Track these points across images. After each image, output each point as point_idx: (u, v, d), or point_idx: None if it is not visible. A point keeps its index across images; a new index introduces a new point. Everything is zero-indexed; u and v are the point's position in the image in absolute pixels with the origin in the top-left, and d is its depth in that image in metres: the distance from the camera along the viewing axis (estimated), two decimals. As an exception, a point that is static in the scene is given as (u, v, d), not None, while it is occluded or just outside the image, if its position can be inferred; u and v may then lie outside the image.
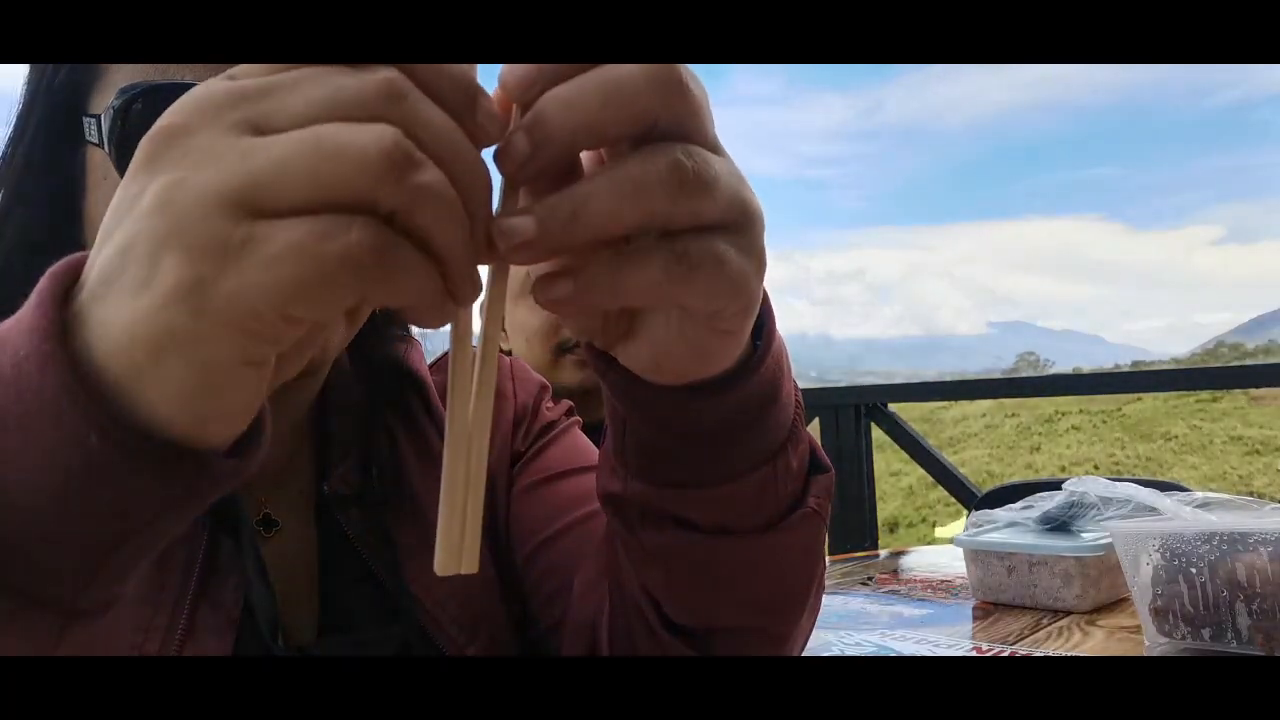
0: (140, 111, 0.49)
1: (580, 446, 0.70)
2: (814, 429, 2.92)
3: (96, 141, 0.51)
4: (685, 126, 0.31)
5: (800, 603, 0.50)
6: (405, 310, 0.30)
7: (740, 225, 0.33)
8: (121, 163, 0.50)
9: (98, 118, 0.50)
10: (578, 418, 0.74)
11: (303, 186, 0.26)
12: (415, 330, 0.71)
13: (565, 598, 0.60)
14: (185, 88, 0.49)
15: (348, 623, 0.57)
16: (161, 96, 0.48)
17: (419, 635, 0.58)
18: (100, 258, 0.29)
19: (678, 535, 0.44)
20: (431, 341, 0.73)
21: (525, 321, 1.37)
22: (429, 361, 0.71)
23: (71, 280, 0.30)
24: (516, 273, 1.37)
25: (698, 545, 0.44)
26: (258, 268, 0.26)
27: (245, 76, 0.29)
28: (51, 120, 0.53)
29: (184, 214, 0.27)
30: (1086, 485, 1.15)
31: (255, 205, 0.26)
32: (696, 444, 0.42)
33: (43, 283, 0.30)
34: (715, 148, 0.33)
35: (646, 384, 0.39)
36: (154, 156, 0.28)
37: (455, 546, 0.32)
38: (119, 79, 0.50)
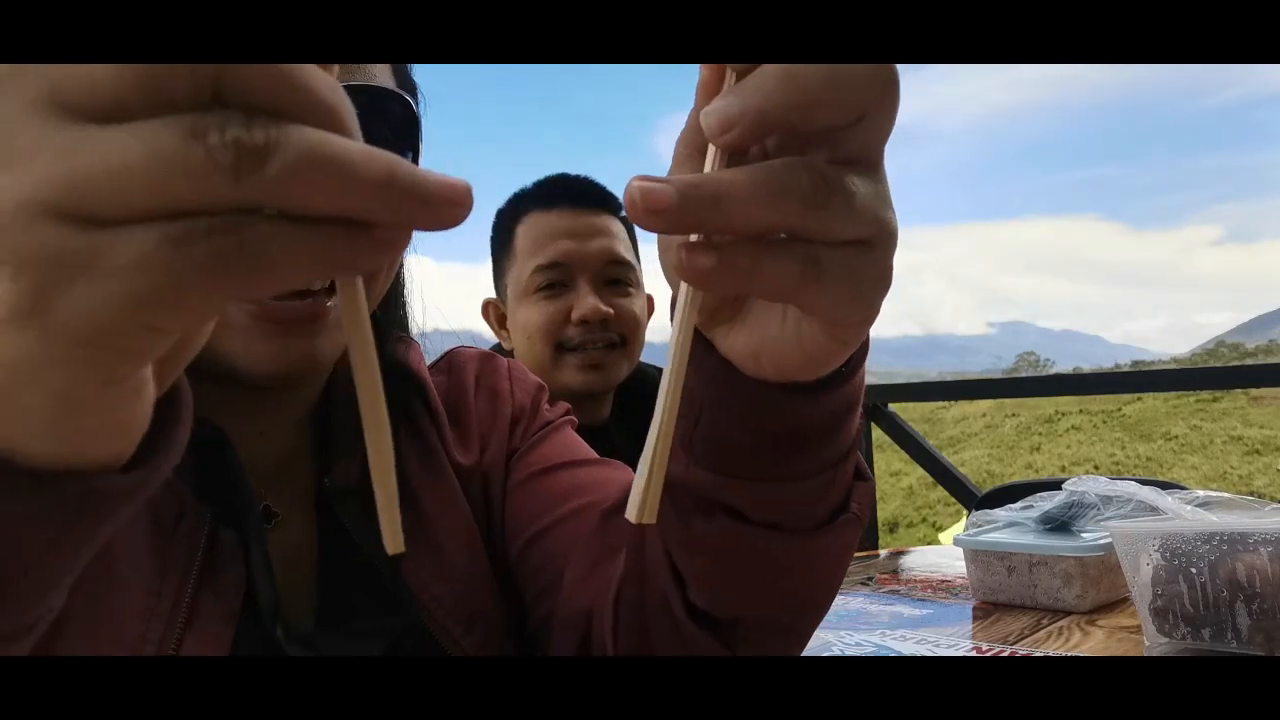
0: None
1: (573, 443, 0.71)
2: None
3: None
4: (871, 134, 0.31)
5: (827, 602, 0.51)
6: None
7: (873, 243, 0.32)
8: None
9: None
10: (573, 418, 0.74)
11: (142, 195, 0.22)
12: (414, 330, 0.72)
13: (557, 590, 0.61)
14: None
15: (345, 615, 0.57)
16: None
17: (416, 629, 0.58)
18: None
19: (729, 526, 0.44)
20: (432, 341, 0.74)
21: (528, 320, 1.37)
22: (429, 362, 0.72)
23: None
24: (519, 275, 1.38)
25: (748, 538, 0.44)
26: (108, 281, 0.23)
27: None
28: None
29: (2, 226, 0.23)
30: (1086, 485, 1.15)
31: (89, 214, 0.22)
32: (777, 441, 0.41)
33: None
34: (876, 164, 0.33)
35: (744, 375, 0.39)
36: None
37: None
38: None
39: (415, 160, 0.57)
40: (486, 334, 1.54)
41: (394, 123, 0.55)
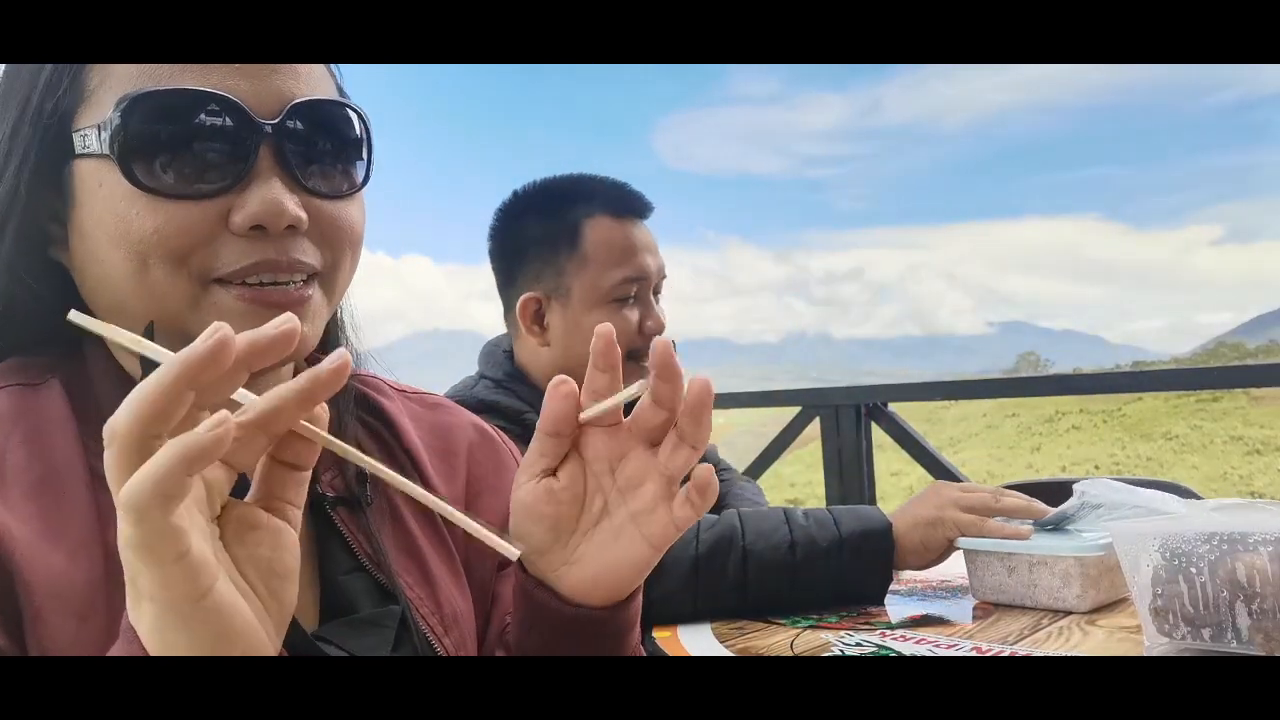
0: (141, 113, 0.53)
1: None
2: (814, 429, 2.93)
3: (95, 151, 0.54)
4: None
5: None
6: None
7: None
8: (125, 163, 0.53)
9: (96, 128, 0.54)
10: None
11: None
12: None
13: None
14: (178, 92, 0.53)
15: (347, 609, 0.62)
16: (156, 100, 0.53)
17: (407, 622, 0.63)
18: None
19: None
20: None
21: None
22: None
23: None
24: (595, 280, 1.41)
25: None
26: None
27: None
28: (40, 147, 0.57)
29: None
30: (1099, 489, 1.15)
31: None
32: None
33: None
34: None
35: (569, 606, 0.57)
36: None
37: None
38: (106, 96, 0.54)
39: (369, 167, 0.61)
40: (483, 332, 1.55)
41: (348, 135, 0.59)
